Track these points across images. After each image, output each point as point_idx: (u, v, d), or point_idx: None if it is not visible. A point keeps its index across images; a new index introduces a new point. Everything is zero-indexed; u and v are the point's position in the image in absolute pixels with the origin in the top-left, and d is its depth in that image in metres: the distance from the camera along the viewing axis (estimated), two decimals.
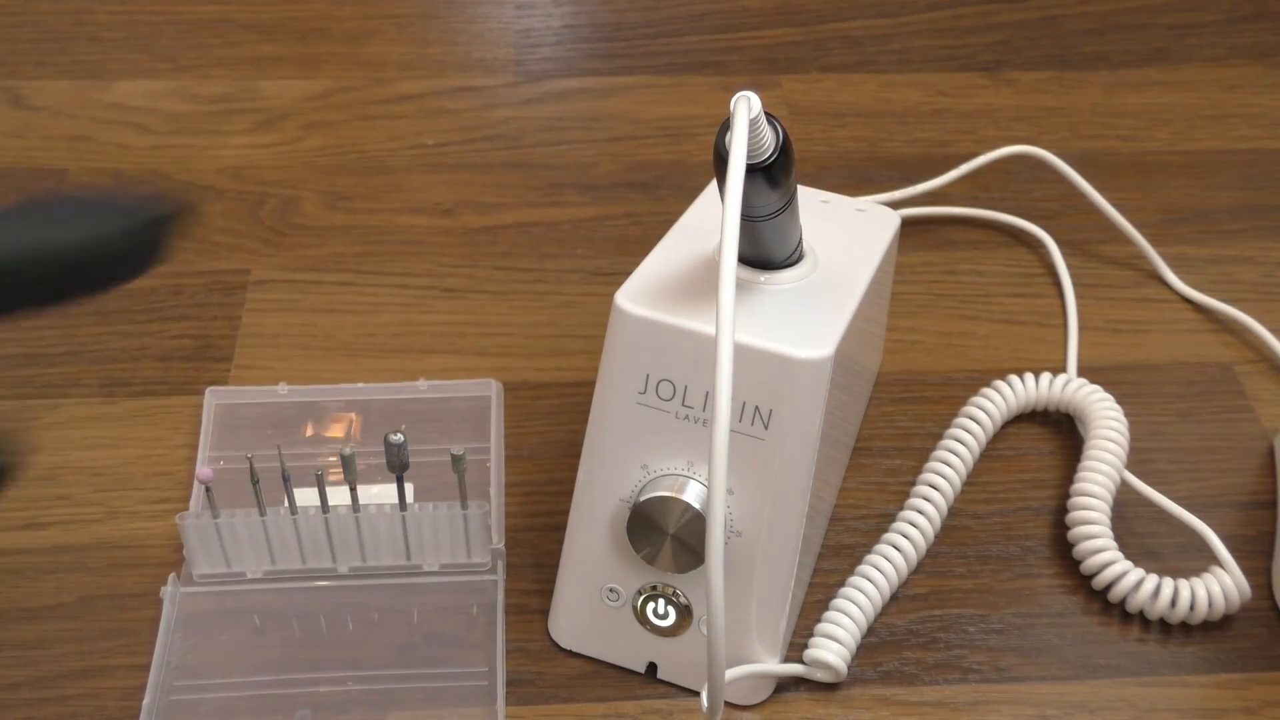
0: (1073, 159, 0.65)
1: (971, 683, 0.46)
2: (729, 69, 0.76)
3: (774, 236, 0.41)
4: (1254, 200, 0.67)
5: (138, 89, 0.73)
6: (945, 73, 0.76)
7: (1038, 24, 0.80)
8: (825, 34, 0.79)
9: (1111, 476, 0.50)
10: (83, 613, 0.47)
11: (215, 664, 0.45)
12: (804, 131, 0.71)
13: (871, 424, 0.55)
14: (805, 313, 0.41)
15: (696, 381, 0.40)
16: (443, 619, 0.47)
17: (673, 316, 0.40)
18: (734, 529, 0.42)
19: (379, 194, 0.66)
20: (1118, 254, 0.64)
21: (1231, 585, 0.47)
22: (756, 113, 0.35)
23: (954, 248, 0.64)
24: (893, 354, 0.58)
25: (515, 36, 0.78)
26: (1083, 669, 0.46)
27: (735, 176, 0.34)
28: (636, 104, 0.73)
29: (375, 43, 0.76)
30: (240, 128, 0.70)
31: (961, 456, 0.51)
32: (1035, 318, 0.61)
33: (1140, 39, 0.79)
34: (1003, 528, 0.51)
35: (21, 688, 0.45)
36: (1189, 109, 0.74)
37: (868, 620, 0.47)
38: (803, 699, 0.45)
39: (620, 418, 0.42)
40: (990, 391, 0.54)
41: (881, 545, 0.48)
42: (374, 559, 0.48)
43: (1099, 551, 0.48)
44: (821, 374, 0.40)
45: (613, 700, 0.45)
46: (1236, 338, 0.60)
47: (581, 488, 0.44)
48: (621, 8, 0.80)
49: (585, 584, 0.45)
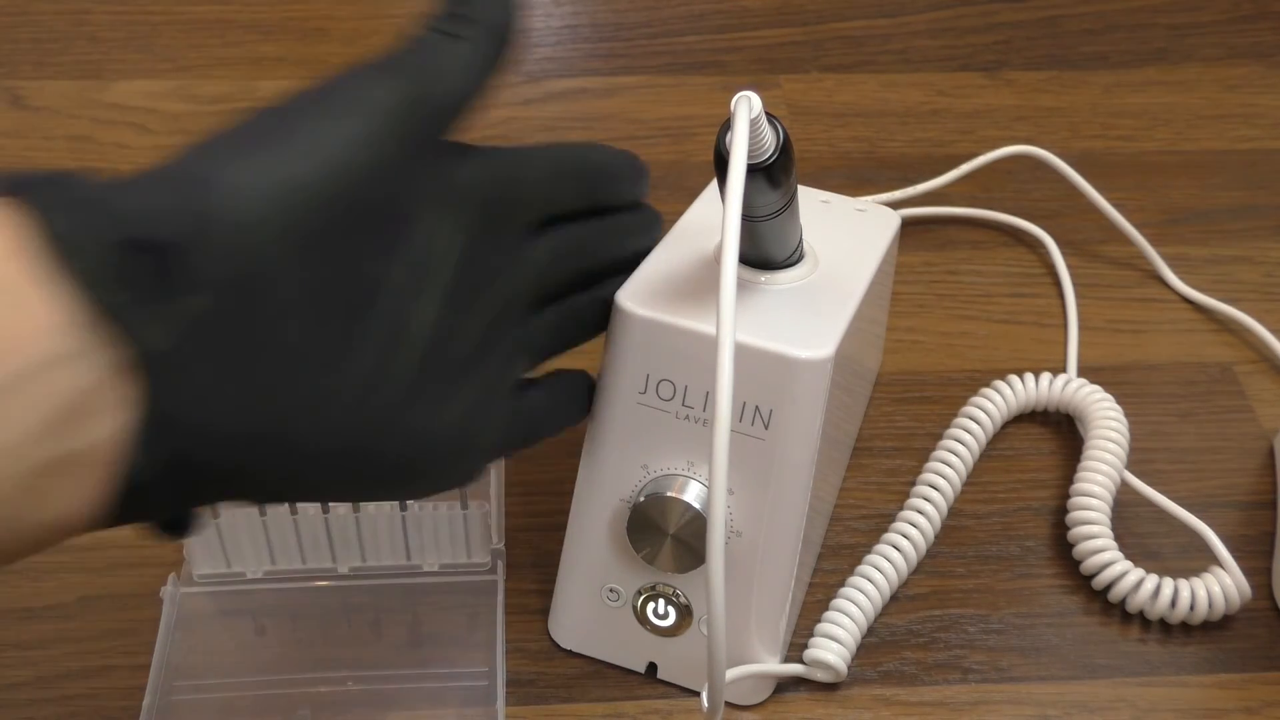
0: (1073, 159, 0.65)
1: (971, 683, 0.46)
2: (729, 69, 0.76)
3: (774, 236, 0.41)
4: (1254, 200, 0.67)
5: (138, 89, 0.73)
6: (945, 73, 0.76)
7: (1038, 24, 0.80)
8: (825, 34, 0.79)
9: (1111, 476, 0.50)
10: (83, 613, 0.47)
11: (215, 664, 0.45)
12: (804, 131, 0.71)
13: (871, 424, 0.55)
14: (805, 313, 0.41)
15: (697, 381, 0.40)
16: (443, 619, 0.47)
17: (673, 316, 0.40)
18: (734, 529, 0.42)
19: None
20: (1118, 254, 0.64)
21: (1231, 585, 0.47)
22: (757, 113, 0.35)
23: (954, 248, 0.64)
24: (893, 354, 0.58)
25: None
26: (1083, 669, 0.46)
27: (736, 176, 0.34)
28: (636, 104, 0.73)
29: (375, 43, 0.76)
30: None
31: (961, 456, 0.51)
32: (1035, 318, 0.61)
33: (1140, 39, 0.79)
34: (1003, 528, 0.51)
35: (21, 688, 0.45)
36: (1189, 109, 0.74)
37: (868, 620, 0.47)
38: (803, 699, 0.45)
39: (621, 418, 0.42)
40: (990, 391, 0.54)
41: (881, 545, 0.48)
42: (374, 559, 0.48)
43: (1099, 551, 0.48)
44: (822, 374, 0.40)
45: (613, 700, 0.45)
46: (1236, 338, 0.60)
47: (581, 488, 0.44)
48: (621, 8, 0.80)
49: (585, 584, 0.45)
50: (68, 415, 0.27)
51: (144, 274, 0.28)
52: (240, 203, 0.29)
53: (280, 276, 0.30)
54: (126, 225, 0.28)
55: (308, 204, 0.30)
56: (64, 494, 0.28)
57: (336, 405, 0.32)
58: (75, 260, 0.27)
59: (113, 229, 0.28)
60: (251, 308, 0.29)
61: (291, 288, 0.30)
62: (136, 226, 0.28)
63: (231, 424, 0.30)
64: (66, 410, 0.27)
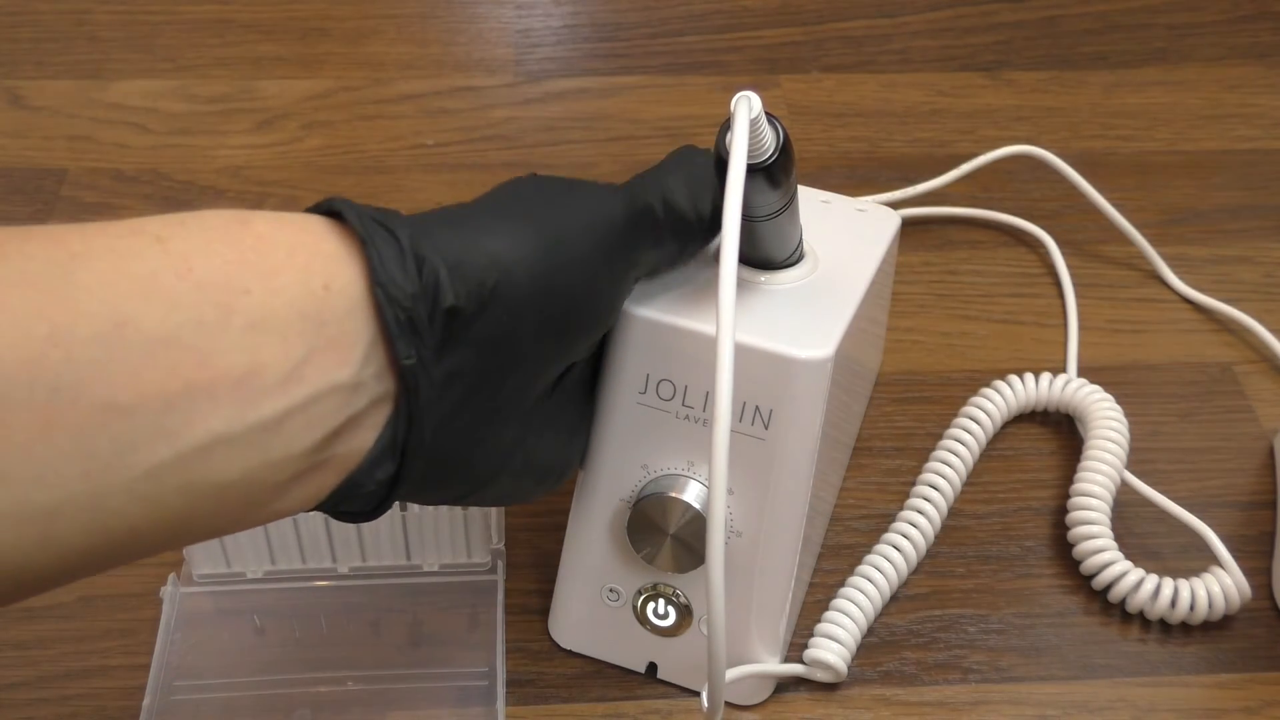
0: (1073, 159, 0.65)
1: (971, 683, 0.46)
2: (729, 69, 0.76)
3: (774, 237, 0.41)
4: (1254, 200, 0.67)
5: (138, 89, 0.73)
6: (945, 73, 0.76)
7: (1038, 24, 0.80)
8: (825, 34, 0.79)
9: (1111, 477, 0.50)
10: (83, 613, 0.47)
11: (215, 664, 0.45)
12: (804, 131, 0.71)
13: (871, 424, 0.55)
14: (806, 313, 0.41)
15: (697, 381, 0.40)
16: (443, 619, 0.47)
17: (673, 316, 0.40)
18: (734, 529, 0.42)
19: (379, 194, 0.66)
20: (1118, 254, 0.64)
21: (1231, 585, 0.47)
22: (757, 113, 0.35)
23: (954, 248, 0.64)
24: (893, 354, 0.58)
25: (515, 36, 0.78)
26: (1083, 669, 0.46)
27: (735, 176, 0.34)
28: (636, 104, 0.73)
29: (375, 43, 0.76)
30: (240, 128, 0.70)
31: (961, 456, 0.51)
32: (1035, 318, 0.61)
33: (1140, 39, 0.79)
34: (1003, 528, 0.51)
35: (21, 688, 0.45)
36: (1189, 109, 0.74)
37: (868, 620, 0.47)
38: (803, 699, 0.45)
39: (620, 418, 0.42)
40: (990, 391, 0.54)
41: (881, 545, 0.48)
42: (374, 559, 0.48)
43: (1099, 551, 0.48)
44: (822, 374, 0.40)
45: (613, 700, 0.45)
46: (1236, 338, 0.60)
47: (581, 488, 0.44)
48: (621, 8, 0.80)
49: (585, 584, 0.45)
50: (333, 435, 0.31)
51: (433, 332, 0.32)
52: (514, 282, 0.34)
53: (522, 341, 0.35)
54: (430, 286, 0.32)
55: (549, 292, 0.35)
56: (303, 493, 0.32)
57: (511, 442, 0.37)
58: (387, 310, 0.31)
59: (418, 284, 0.32)
60: (494, 366, 0.34)
61: (523, 352, 0.35)
62: (442, 291, 0.32)
63: (444, 451, 0.34)
64: (334, 431, 0.31)
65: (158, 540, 0.30)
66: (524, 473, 0.38)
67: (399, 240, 0.32)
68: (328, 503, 0.33)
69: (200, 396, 0.29)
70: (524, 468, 0.38)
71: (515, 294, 0.34)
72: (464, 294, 0.33)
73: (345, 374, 0.31)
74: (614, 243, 0.37)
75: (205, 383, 0.29)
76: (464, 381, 0.34)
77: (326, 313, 0.31)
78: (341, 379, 0.31)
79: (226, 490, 0.30)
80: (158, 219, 0.30)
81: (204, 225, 0.31)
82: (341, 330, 0.31)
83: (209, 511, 0.30)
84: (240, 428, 0.29)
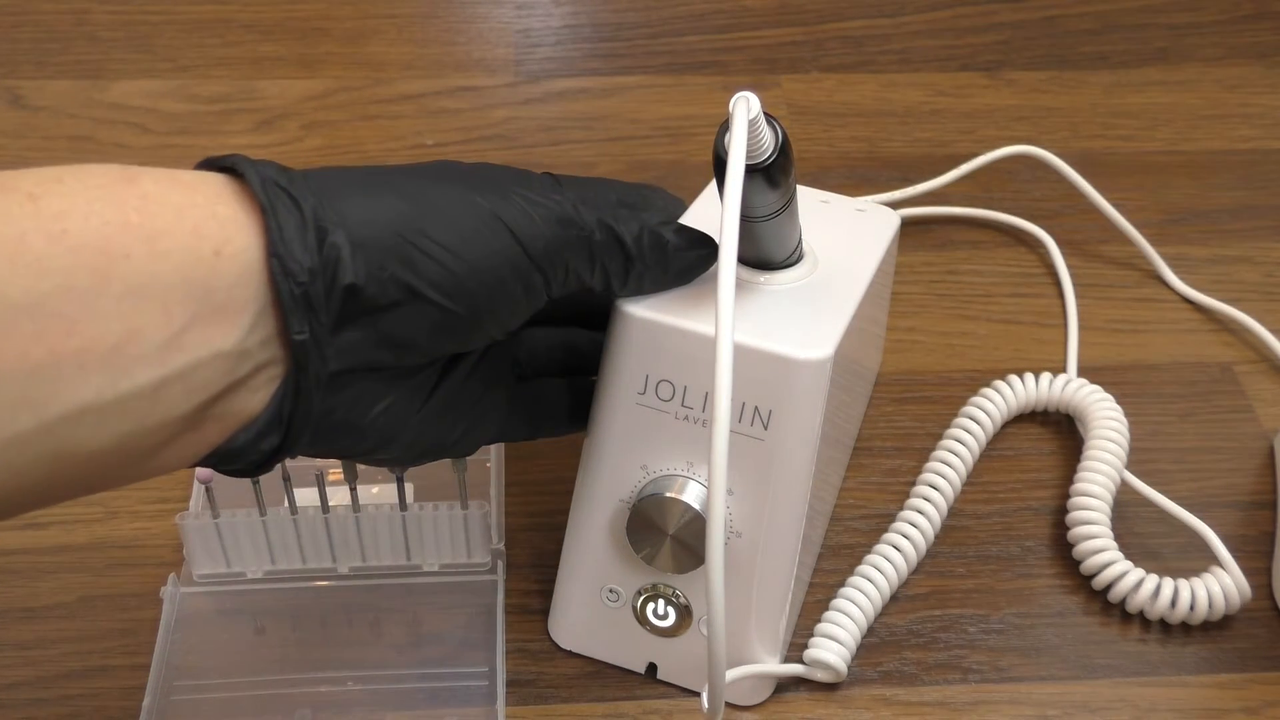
0: (1073, 159, 0.65)
1: (971, 683, 0.46)
2: (729, 69, 0.76)
3: (773, 237, 0.41)
4: (1254, 200, 0.67)
5: (138, 89, 0.73)
6: (945, 73, 0.76)
7: (1038, 24, 0.80)
8: (825, 34, 0.79)
9: (1111, 476, 0.50)
10: (83, 613, 0.47)
11: (215, 664, 0.45)
12: (804, 131, 0.71)
13: (871, 424, 0.55)
14: (805, 313, 0.41)
15: (696, 382, 0.40)
16: (443, 619, 0.47)
17: (672, 317, 0.40)
18: (734, 529, 0.42)
19: None
20: (1118, 254, 0.64)
21: (1231, 585, 0.47)
22: (756, 113, 0.35)
23: (954, 248, 0.64)
24: (893, 354, 0.58)
25: (515, 36, 0.78)
26: (1082, 669, 0.46)
27: (735, 177, 0.34)
28: (636, 104, 0.73)
29: (375, 43, 0.76)
30: (240, 128, 0.70)
31: (961, 456, 0.51)
32: (1035, 318, 0.61)
33: (1140, 39, 0.79)
34: (1003, 528, 0.51)
35: (21, 688, 0.45)
36: (1189, 109, 0.74)
37: (868, 620, 0.47)
38: (803, 699, 0.45)
39: (620, 418, 0.42)
40: (990, 391, 0.54)
41: (881, 545, 0.48)
42: (374, 559, 0.48)
43: (1099, 551, 0.48)
44: (821, 374, 0.40)
45: (613, 700, 0.45)
46: (1236, 338, 0.60)
47: (581, 488, 0.44)
48: (621, 8, 0.80)
49: (585, 584, 0.45)
50: (213, 399, 0.31)
51: (329, 309, 0.31)
52: (417, 267, 0.33)
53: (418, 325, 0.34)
54: (331, 261, 0.31)
55: (455, 282, 0.34)
56: (180, 453, 0.32)
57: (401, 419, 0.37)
58: (282, 284, 0.30)
59: (317, 258, 0.31)
60: (386, 345, 0.34)
61: (417, 337, 0.34)
62: (342, 268, 0.31)
63: (331, 421, 0.34)
64: (214, 396, 0.31)
65: (25, 502, 0.30)
66: (412, 444, 0.38)
67: (302, 210, 0.31)
68: (208, 460, 0.33)
69: (67, 366, 0.28)
70: (412, 440, 0.38)
71: (417, 278, 0.33)
72: (364, 273, 0.32)
73: (229, 342, 0.30)
74: (536, 249, 0.36)
75: (73, 352, 0.28)
76: (356, 357, 0.33)
77: (215, 279, 0.30)
78: (225, 347, 0.30)
79: (96, 455, 0.29)
80: (33, 173, 0.29)
81: (85, 183, 0.29)
82: (230, 298, 0.30)
83: (76, 475, 0.30)
84: (111, 396, 0.28)
